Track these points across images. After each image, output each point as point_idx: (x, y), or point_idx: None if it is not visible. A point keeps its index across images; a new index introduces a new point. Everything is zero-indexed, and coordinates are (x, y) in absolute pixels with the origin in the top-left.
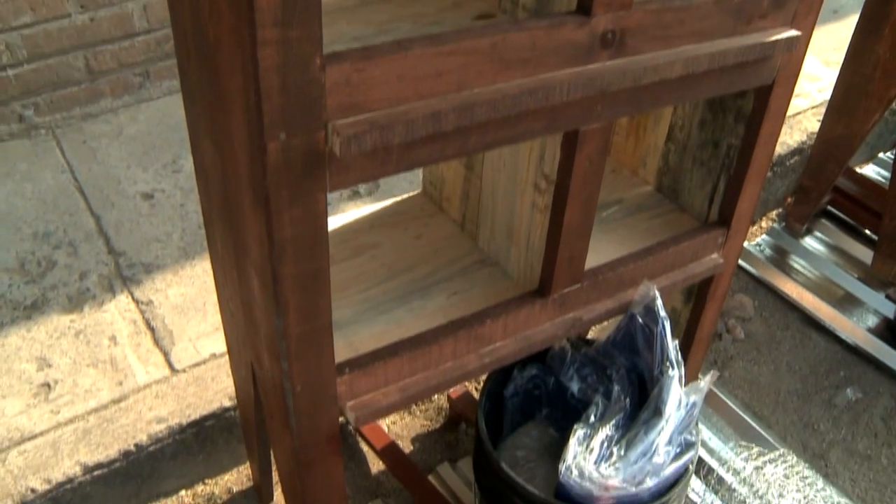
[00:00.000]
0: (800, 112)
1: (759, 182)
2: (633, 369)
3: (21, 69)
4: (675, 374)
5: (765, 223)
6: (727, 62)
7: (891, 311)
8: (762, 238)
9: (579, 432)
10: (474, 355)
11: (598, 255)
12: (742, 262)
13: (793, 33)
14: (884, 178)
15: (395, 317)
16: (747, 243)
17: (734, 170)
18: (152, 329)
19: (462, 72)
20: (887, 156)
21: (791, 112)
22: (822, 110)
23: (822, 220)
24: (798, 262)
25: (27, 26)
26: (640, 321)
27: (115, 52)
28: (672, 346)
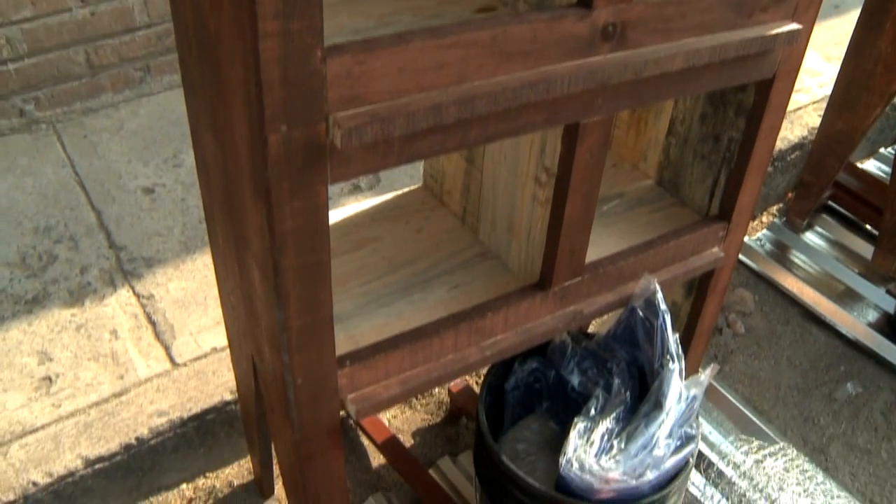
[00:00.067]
0: (801, 107)
1: (760, 176)
2: (634, 363)
3: (22, 63)
4: (675, 367)
5: (765, 218)
6: (728, 55)
7: (891, 306)
8: (763, 233)
9: (580, 425)
10: (475, 348)
11: (599, 248)
12: (743, 257)
13: (794, 27)
14: (885, 174)
15: (395, 310)
16: (748, 238)
17: (735, 163)
18: (153, 323)
19: (463, 64)
20: (888, 151)
21: (792, 107)
22: (823, 105)
23: (823, 216)
24: (799, 257)
25: (27, 20)
26: (640, 314)
27: (115, 46)
28: (672, 339)
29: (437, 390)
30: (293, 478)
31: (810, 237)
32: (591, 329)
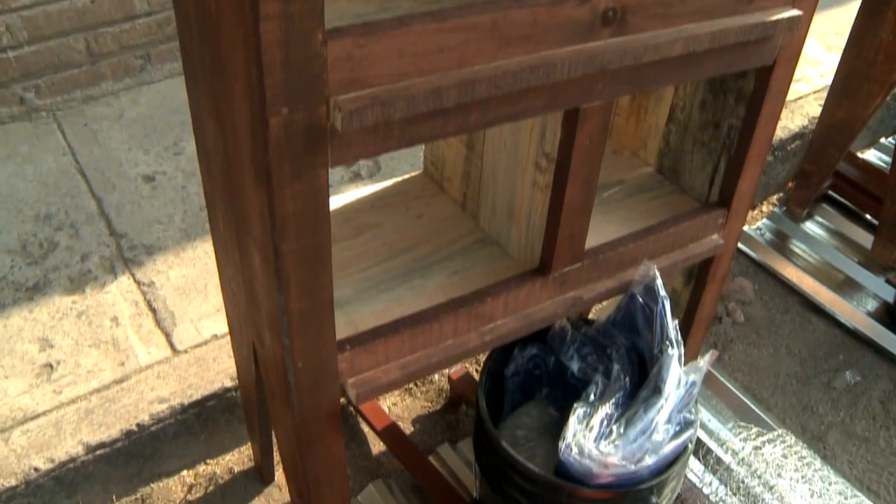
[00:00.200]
0: (801, 97)
1: (760, 163)
2: (633, 349)
3: (21, 51)
4: (674, 352)
5: (766, 207)
6: (728, 41)
7: (890, 295)
8: (763, 222)
9: (579, 411)
10: (475, 333)
11: (599, 235)
12: (743, 246)
13: (794, 13)
14: (885, 164)
15: (395, 295)
16: (748, 227)
17: (735, 151)
18: (154, 310)
19: (463, 48)
20: (888, 141)
21: (793, 97)
22: (823, 95)
23: (823, 205)
24: (798, 247)
25: (27, 7)
26: (640, 300)
27: (115, 34)
28: (672, 325)
29: (436, 377)
30: (293, 463)
31: (810, 226)
32: (590, 315)
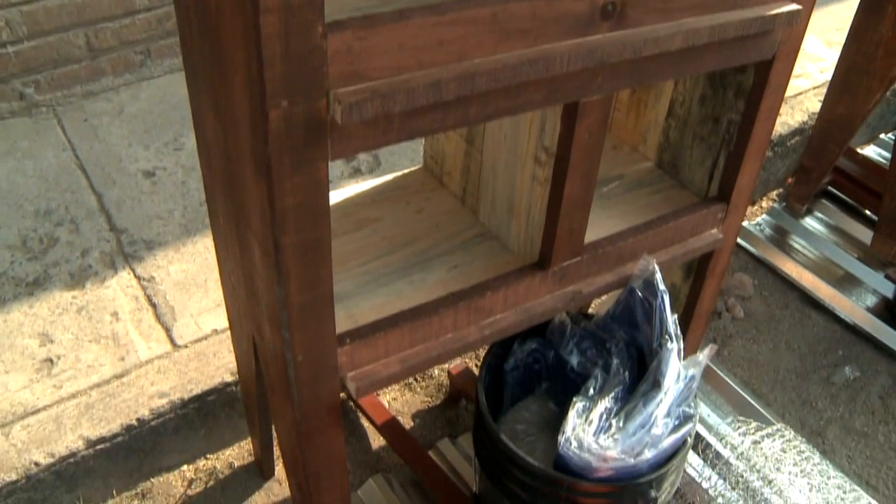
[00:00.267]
0: (801, 92)
1: (759, 158)
2: (633, 343)
3: (21, 46)
4: (673, 346)
5: (765, 203)
6: (727, 35)
7: (890, 290)
8: (762, 218)
9: (578, 405)
10: (474, 327)
11: (598, 229)
12: (742, 242)
13: (793, 7)
14: (884, 160)
15: (395, 289)
16: (748, 223)
17: (734, 145)
18: (154, 305)
19: (462, 41)
20: (888, 137)
21: (792, 92)
22: (823, 91)
23: (823, 201)
24: (798, 242)
25: (27, 2)
26: (639, 295)
27: (115, 29)
28: (671, 319)
29: (436, 372)
30: (293, 457)
31: (810, 222)
32: (590, 310)
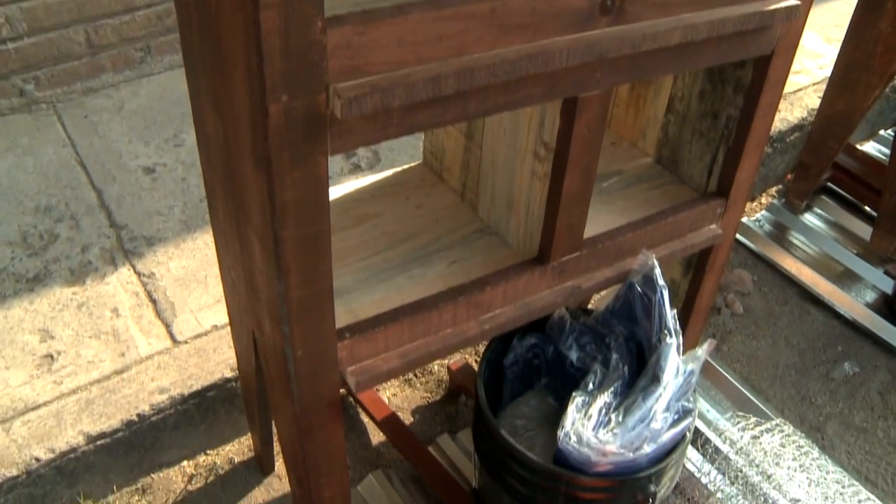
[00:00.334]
0: (801, 88)
1: (758, 153)
2: (632, 338)
3: (21, 43)
4: (672, 341)
5: (765, 199)
6: (726, 31)
7: (889, 286)
8: (762, 214)
9: (578, 399)
10: (474, 322)
11: (598, 225)
12: (742, 238)
13: (792, 2)
14: (884, 156)
15: (395, 284)
16: (747, 219)
17: (733, 141)
18: (154, 301)
19: (462, 36)
20: (888, 133)
21: (792, 89)
22: (822, 87)
23: (822, 197)
24: (797, 238)
25: None
26: (638, 290)
27: (115, 26)
28: (670, 314)
29: (436, 368)
30: (293, 452)
31: (809, 218)
32: (589, 305)
